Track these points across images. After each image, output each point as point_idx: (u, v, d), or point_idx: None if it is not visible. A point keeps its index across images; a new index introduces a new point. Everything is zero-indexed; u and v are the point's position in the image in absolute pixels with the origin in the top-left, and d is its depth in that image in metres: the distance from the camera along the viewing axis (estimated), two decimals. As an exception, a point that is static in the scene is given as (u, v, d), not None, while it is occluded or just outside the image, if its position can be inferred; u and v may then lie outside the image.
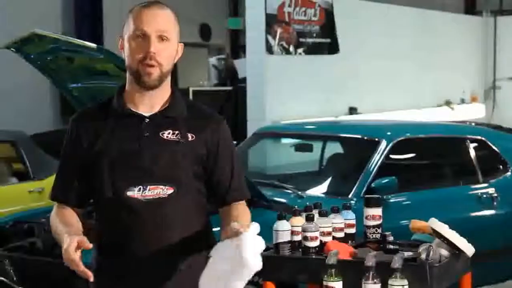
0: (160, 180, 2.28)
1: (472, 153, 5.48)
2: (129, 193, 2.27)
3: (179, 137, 2.31)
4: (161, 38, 2.26)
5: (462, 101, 11.80)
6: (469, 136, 5.62)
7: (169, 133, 2.31)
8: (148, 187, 2.27)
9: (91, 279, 2.13)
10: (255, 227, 2.11)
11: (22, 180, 6.41)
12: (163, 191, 2.28)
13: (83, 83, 4.67)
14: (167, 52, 2.28)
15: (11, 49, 4.64)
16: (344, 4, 9.35)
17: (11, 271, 4.52)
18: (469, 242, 2.98)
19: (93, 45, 4.30)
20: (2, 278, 4.64)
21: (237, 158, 2.46)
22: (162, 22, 2.27)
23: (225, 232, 2.20)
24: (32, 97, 10.82)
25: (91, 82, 4.64)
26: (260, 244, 2.07)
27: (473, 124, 8.02)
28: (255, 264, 2.05)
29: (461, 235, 2.96)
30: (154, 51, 2.24)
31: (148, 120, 2.32)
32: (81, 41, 4.53)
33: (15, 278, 4.51)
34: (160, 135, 2.31)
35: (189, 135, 2.32)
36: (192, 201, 2.35)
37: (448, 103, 11.32)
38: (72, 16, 11.86)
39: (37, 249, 4.59)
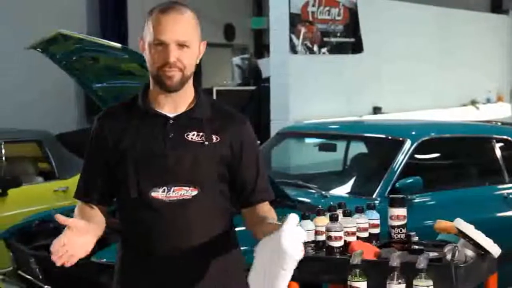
0: (184, 182, 2.28)
1: (498, 153, 5.43)
2: (153, 194, 2.27)
3: (204, 139, 2.30)
4: (181, 45, 2.25)
5: (488, 100, 11.70)
6: (495, 136, 5.57)
7: (193, 135, 2.30)
8: (173, 188, 2.27)
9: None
10: (293, 218, 2.10)
11: (47, 179, 6.47)
12: (187, 192, 2.28)
13: (108, 83, 4.70)
14: (187, 57, 2.27)
15: (37, 49, 4.68)
16: (368, 4, 9.31)
17: (37, 269, 4.56)
18: (495, 242, 2.95)
19: (118, 45, 4.33)
20: (28, 277, 4.69)
21: (261, 158, 2.45)
22: (181, 30, 2.24)
23: (261, 230, 2.19)
24: (57, 97, 10.90)
25: (116, 82, 4.66)
26: (299, 234, 2.04)
27: (499, 123, 7.95)
28: (294, 252, 2.02)
29: (487, 235, 2.94)
30: (174, 60, 2.24)
31: (172, 121, 2.31)
32: (106, 41, 4.56)
33: (41, 277, 4.55)
34: (185, 136, 2.30)
35: (214, 137, 2.31)
36: (215, 202, 2.34)
37: (473, 102, 11.23)
38: (97, 16, 11.94)
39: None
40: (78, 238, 2.13)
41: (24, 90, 10.50)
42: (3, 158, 6.05)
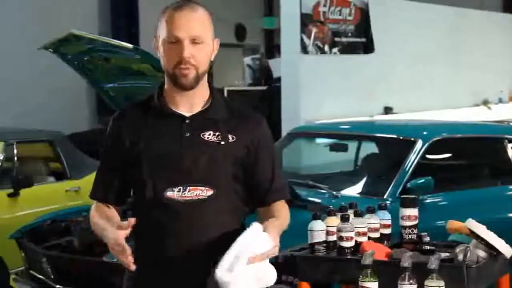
0: (200, 182, 2.28)
1: (510, 153, 5.41)
2: (168, 194, 2.27)
3: (220, 138, 2.30)
4: (195, 42, 2.26)
5: (500, 100, 11.64)
6: (507, 136, 5.54)
7: (209, 134, 2.31)
8: (188, 188, 2.27)
9: (132, 268, 2.14)
10: (246, 234, 2.17)
11: (59, 179, 6.49)
12: (202, 192, 2.28)
13: (120, 83, 4.72)
14: (201, 54, 2.28)
15: (49, 49, 4.70)
16: (379, 4, 9.29)
17: (49, 269, 4.58)
18: (507, 243, 2.94)
19: (130, 45, 4.35)
20: (40, 276, 4.71)
21: (276, 158, 2.46)
22: (195, 27, 2.26)
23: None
24: (68, 97, 10.94)
25: (127, 82, 4.68)
26: (242, 256, 2.12)
27: (511, 124, 7.91)
28: (220, 276, 2.11)
29: (499, 236, 2.92)
30: (188, 56, 2.24)
31: (188, 120, 2.32)
32: (118, 41, 4.58)
33: (52, 276, 4.57)
34: (201, 136, 2.30)
35: (230, 136, 2.31)
36: (230, 203, 2.34)
37: (485, 102, 11.18)
38: (108, 16, 11.98)
39: (73, 248, 4.64)
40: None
41: (36, 91, 10.55)
42: (15, 158, 6.07)
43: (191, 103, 2.33)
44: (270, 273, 2.20)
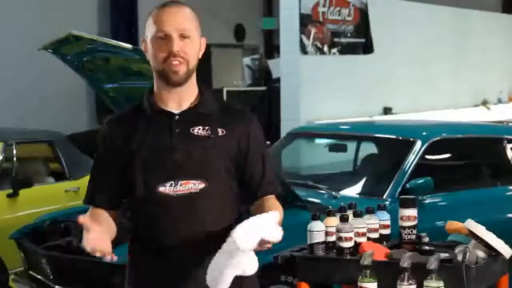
0: (191, 176, 2.30)
1: (509, 153, 5.41)
2: (160, 189, 2.30)
3: (209, 133, 2.34)
4: (183, 36, 2.30)
5: (499, 101, 11.66)
6: (506, 136, 5.55)
7: (199, 129, 2.34)
8: (180, 182, 2.30)
9: (114, 258, 2.18)
10: (268, 215, 2.14)
11: (58, 179, 6.49)
12: (195, 186, 2.30)
13: (119, 84, 4.72)
14: (190, 48, 2.31)
15: (48, 50, 4.70)
16: (380, 4, 9.30)
17: (48, 269, 4.58)
18: (507, 243, 2.94)
19: (129, 45, 4.35)
20: (39, 277, 4.71)
21: (267, 153, 2.48)
22: (182, 20, 2.31)
23: None
24: (68, 98, 10.94)
25: (126, 82, 4.68)
26: (254, 231, 2.08)
27: (510, 124, 7.92)
28: (241, 238, 2.06)
29: (499, 236, 2.93)
30: (177, 49, 2.28)
31: (178, 116, 2.35)
32: (117, 42, 4.58)
33: (51, 277, 4.57)
34: (191, 131, 2.33)
35: (220, 130, 2.35)
36: (224, 197, 2.36)
37: (484, 103, 11.19)
38: (107, 17, 11.98)
39: (73, 248, 4.64)
40: (100, 235, 2.17)
41: (36, 91, 10.55)
42: (15, 159, 6.07)
43: (179, 100, 2.37)
44: (253, 264, 2.19)
